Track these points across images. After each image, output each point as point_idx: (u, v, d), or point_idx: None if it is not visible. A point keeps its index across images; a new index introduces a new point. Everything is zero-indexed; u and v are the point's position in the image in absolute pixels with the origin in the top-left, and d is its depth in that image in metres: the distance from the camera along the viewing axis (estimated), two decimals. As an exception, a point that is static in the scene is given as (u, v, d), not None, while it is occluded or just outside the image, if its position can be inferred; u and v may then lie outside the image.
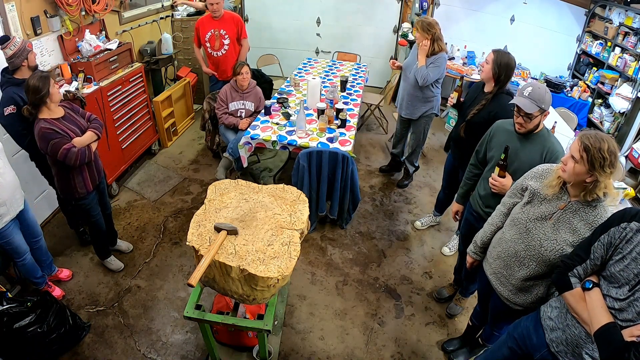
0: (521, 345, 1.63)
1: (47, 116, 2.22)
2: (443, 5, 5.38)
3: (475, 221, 2.23)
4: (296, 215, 1.83)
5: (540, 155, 1.89)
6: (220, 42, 3.88)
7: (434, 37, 3.09)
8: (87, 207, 2.52)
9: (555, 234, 1.53)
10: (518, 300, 1.73)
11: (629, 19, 4.27)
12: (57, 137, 2.18)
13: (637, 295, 1.22)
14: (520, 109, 1.83)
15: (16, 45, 2.35)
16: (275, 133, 3.19)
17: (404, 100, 3.48)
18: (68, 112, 2.35)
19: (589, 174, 1.39)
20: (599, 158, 1.35)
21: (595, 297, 1.31)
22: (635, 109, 4.13)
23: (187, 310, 1.76)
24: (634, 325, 1.22)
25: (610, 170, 1.36)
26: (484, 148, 2.15)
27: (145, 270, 2.88)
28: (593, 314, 1.29)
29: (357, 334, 2.50)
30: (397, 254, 3.14)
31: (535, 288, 1.66)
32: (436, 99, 3.39)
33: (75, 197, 2.44)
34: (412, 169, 3.87)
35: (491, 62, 2.31)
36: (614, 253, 1.30)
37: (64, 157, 2.20)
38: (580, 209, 1.47)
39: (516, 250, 1.67)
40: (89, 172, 2.43)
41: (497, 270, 1.79)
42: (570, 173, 1.44)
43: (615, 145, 1.38)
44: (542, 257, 1.57)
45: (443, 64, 3.18)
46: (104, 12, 3.47)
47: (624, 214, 1.32)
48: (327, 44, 5.99)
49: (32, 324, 2.09)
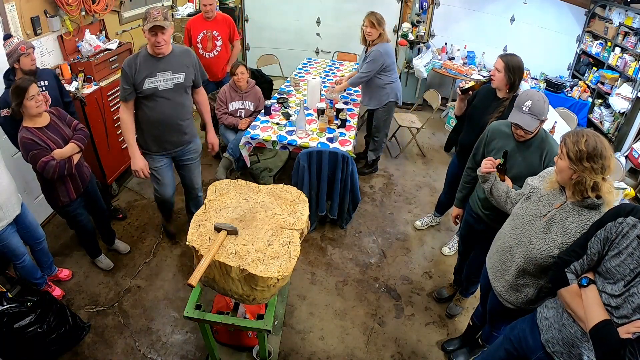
0: (517, 348, 1.63)
1: (31, 125, 2.19)
2: (443, 5, 5.38)
3: (475, 223, 2.23)
4: (296, 215, 1.83)
5: (540, 158, 1.89)
6: (213, 44, 3.88)
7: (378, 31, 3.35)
8: (72, 214, 2.53)
9: (546, 233, 1.53)
10: (510, 299, 1.73)
11: (629, 19, 4.27)
12: (37, 148, 2.16)
13: (633, 290, 1.22)
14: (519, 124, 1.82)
15: (11, 46, 2.36)
16: (275, 133, 3.19)
17: (363, 92, 3.78)
18: (53, 120, 2.30)
19: (571, 170, 1.40)
20: (576, 152, 1.37)
21: (592, 294, 1.31)
22: (635, 109, 4.13)
23: (187, 310, 1.76)
24: (629, 322, 1.22)
25: (591, 164, 1.36)
26: (482, 150, 2.14)
27: (145, 270, 2.88)
28: (589, 311, 1.29)
29: (357, 334, 2.50)
30: (397, 254, 3.14)
31: (525, 288, 1.66)
32: (390, 87, 3.54)
33: (59, 205, 2.44)
34: (373, 157, 3.98)
35: (503, 70, 2.26)
36: (610, 248, 1.30)
37: (42, 169, 2.18)
38: (575, 210, 1.47)
39: (510, 244, 1.68)
40: (72, 182, 2.41)
41: (494, 265, 1.81)
42: (557, 170, 1.47)
43: (601, 141, 1.38)
44: (530, 254, 1.57)
45: (379, 56, 3.37)
46: (104, 12, 3.47)
47: (619, 209, 1.32)
48: (327, 44, 5.99)
49: (32, 324, 2.09)
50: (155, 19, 2.18)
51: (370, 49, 3.43)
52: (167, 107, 2.46)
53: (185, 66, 2.45)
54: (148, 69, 2.33)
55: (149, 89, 2.36)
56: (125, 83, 2.35)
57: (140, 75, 2.32)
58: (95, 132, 3.19)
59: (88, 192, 2.59)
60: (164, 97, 2.42)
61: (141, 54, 2.36)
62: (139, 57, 2.34)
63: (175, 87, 2.43)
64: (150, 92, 2.37)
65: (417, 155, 4.55)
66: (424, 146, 4.68)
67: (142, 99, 2.42)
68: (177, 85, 2.44)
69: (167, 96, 2.43)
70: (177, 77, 2.42)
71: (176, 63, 2.41)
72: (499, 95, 2.39)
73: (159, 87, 2.38)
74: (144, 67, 2.33)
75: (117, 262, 2.91)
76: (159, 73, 2.36)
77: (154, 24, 2.17)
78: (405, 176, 4.14)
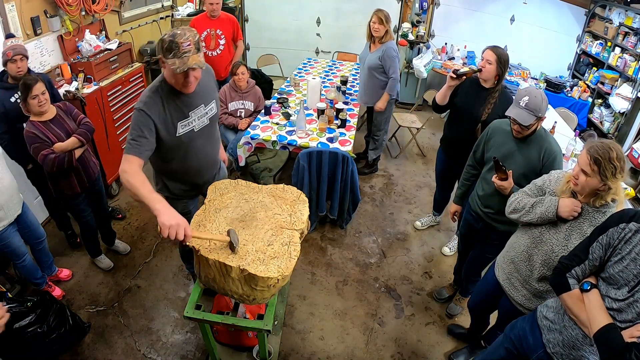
0: (517, 347, 1.62)
1: (36, 119, 2.25)
2: (443, 5, 5.38)
3: (474, 221, 2.23)
4: (296, 215, 1.83)
5: (538, 156, 1.89)
6: (216, 42, 3.88)
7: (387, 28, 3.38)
8: (77, 208, 2.56)
9: (567, 240, 1.53)
10: (531, 306, 1.72)
11: (629, 19, 4.27)
12: (38, 141, 2.21)
13: (637, 296, 1.22)
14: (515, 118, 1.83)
15: (4, 47, 2.36)
16: (275, 133, 3.19)
17: (363, 90, 3.72)
18: (59, 115, 2.35)
19: (602, 184, 1.41)
20: (611, 168, 1.37)
21: (594, 299, 1.30)
22: (635, 109, 4.13)
23: (187, 310, 1.76)
24: (633, 325, 1.21)
25: (621, 175, 1.39)
26: (482, 148, 2.15)
27: (145, 270, 2.88)
28: (592, 316, 1.28)
29: (357, 334, 2.50)
30: (397, 254, 3.14)
31: (548, 294, 1.65)
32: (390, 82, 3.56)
33: (64, 197, 2.49)
34: (373, 156, 3.99)
35: (495, 63, 2.30)
36: (612, 254, 1.30)
37: (42, 162, 2.24)
38: (590, 213, 1.49)
39: (529, 254, 1.67)
40: (77, 175, 2.44)
41: (510, 275, 1.79)
42: (582, 186, 1.45)
43: (620, 149, 1.40)
44: (553, 262, 1.56)
45: (396, 55, 3.43)
46: (104, 12, 3.47)
47: (622, 214, 1.32)
48: (327, 44, 5.98)
49: (32, 324, 2.09)
50: (185, 54, 1.58)
51: (379, 47, 3.44)
52: (205, 148, 1.96)
53: (213, 91, 1.97)
54: (177, 108, 1.77)
55: (184, 134, 1.82)
56: (147, 132, 1.68)
57: (170, 119, 1.75)
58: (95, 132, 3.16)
59: (94, 189, 2.61)
60: (200, 137, 1.90)
61: (162, 89, 1.75)
62: (161, 95, 1.73)
63: (211, 121, 1.94)
64: (185, 139, 1.83)
65: (417, 155, 4.55)
66: (424, 146, 4.68)
67: (169, 148, 1.83)
68: (212, 119, 1.95)
69: (203, 136, 1.92)
70: (210, 108, 1.92)
71: (205, 91, 1.88)
72: (485, 86, 2.41)
73: (194, 128, 1.85)
74: (171, 107, 1.75)
75: (117, 262, 2.91)
76: (191, 112, 1.82)
77: (187, 67, 1.60)
78: (405, 176, 4.14)
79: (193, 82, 1.72)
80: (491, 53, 2.33)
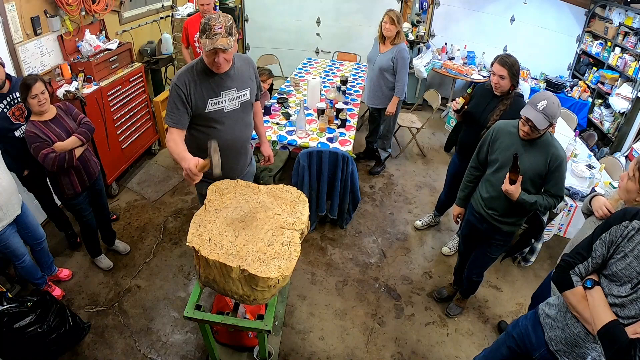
0: (520, 345, 1.63)
1: (37, 118, 2.27)
2: (443, 5, 5.38)
3: (478, 222, 2.23)
4: (296, 215, 1.83)
5: (545, 161, 1.89)
6: None
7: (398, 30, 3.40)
8: (77, 207, 2.55)
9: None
10: None
11: (629, 19, 4.27)
12: (38, 141, 2.22)
13: None
14: (530, 119, 1.83)
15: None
16: (275, 133, 3.19)
17: (370, 90, 3.72)
18: (59, 114, 2.36)
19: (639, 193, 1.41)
20: None
21: (597, 296, 1.31)
22: (635, 109, 4.12)
23: (187, 310, 1.76)
24: (636, 321, 1.22)
25: None
26: (486, 149, 2.13)
27: (145, 270, 2.88)
28: (595, 313, 1.29)
29: (357, 334, 2.50)
30: (397, 254, 3.14)
31: None
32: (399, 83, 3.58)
33: (65, 197, 2.49)
34: (385, 155, 4.03)
35: (508, 77, 2.30)
36: (615, 251, 1.31)
37: (43, 161, 2.24)
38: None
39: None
40: (77, 175, 2.44)
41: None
42: (622, 189, 1.47)
43: None
44: None
45: (407, 59, 3.45)
46: (104, 12, 3.47)
47: (624, 213, 1.32)
48: (327, 44, 5.98)
49: (32, 324, 2.09)
50: (215, 35, 1.73)
51: (391, 48, 3.44)
52: (235, 130, 2.06)
53: (250, 80, 2.07)
54: (209, 87, 1.91)
55: (213, 112, 1.95)
56: (179, 104, 1.88)
57: (200, 95, 1.90)
58: (95, 132, 3.15)
59: (95, 188, 2.61)
60: (229, 119, 2.02)
61: (197, 68, 1.91)
62: (195, 72, 1.90)
63: (242, 106, 2.05)
64: (215, 116, 1.97)
65: (417, 155, 4.55)
66: (424, 146, 4.68)
67: (201, 124, 1.99)
68: (244, 104, 2.06)
69: (232, 117, 2.03)
70: (244, 94, 2.03)
71: (240, 78, 2.01)
72: (497, 93, 2.41)
73: (224, 108, 1.98)
74: (204, 85, 1.90)
75: (117, 262, 2.91)
76: (223, 92, 1.95)
77: (214, 46, 1.73)
78: (405, 176, 4.14)
79: (223, 64, 1.84)
80: (501, 68, 2.30)
